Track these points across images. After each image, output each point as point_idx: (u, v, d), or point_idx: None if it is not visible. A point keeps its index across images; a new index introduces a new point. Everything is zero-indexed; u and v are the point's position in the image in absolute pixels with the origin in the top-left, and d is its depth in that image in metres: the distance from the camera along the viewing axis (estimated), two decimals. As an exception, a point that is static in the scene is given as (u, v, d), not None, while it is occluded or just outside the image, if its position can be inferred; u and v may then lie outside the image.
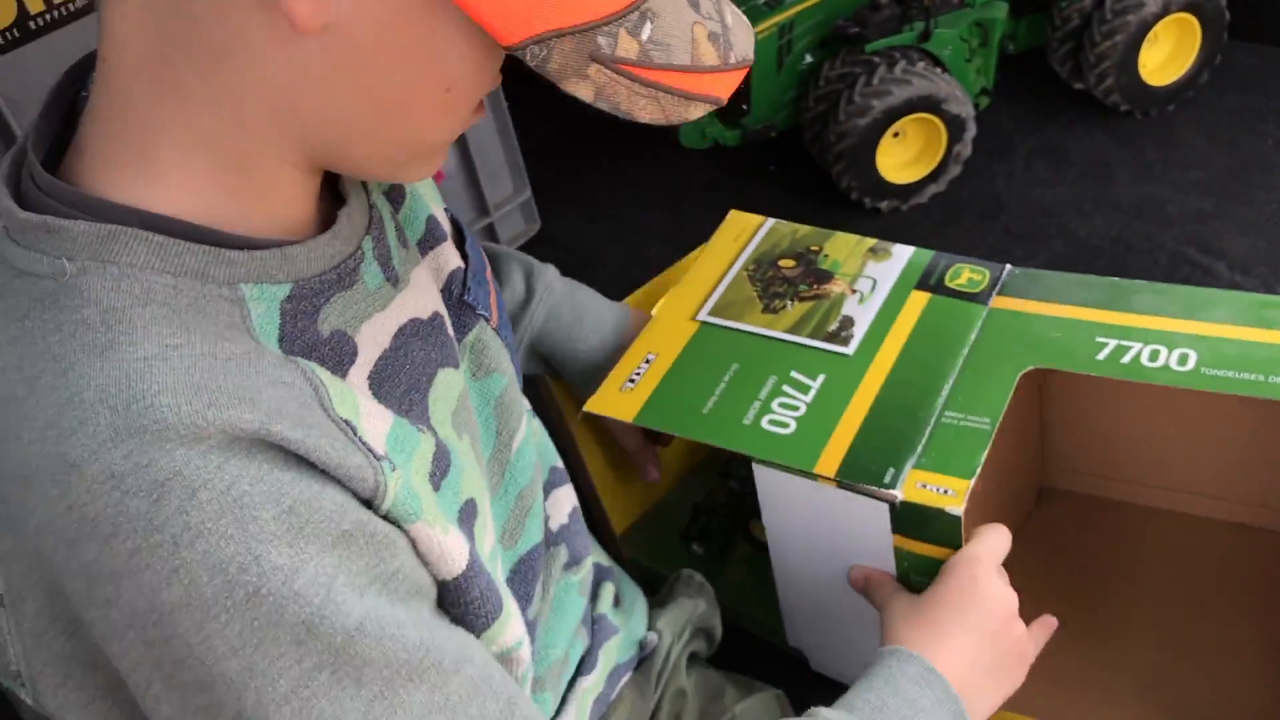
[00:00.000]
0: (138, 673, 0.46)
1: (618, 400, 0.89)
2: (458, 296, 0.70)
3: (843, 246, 1.02)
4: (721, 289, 0.99)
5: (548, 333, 0.95)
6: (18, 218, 0.49)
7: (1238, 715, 0.91)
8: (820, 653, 0.97)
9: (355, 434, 0.50)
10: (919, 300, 0.95)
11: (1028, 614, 0.79)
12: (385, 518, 0.51)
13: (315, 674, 0.45)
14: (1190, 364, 0.83)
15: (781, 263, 1.02)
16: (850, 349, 0.90)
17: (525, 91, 1.76)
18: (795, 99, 1.67)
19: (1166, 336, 0.85)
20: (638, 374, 0.91)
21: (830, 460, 0.80)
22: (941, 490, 0.77)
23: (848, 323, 0.93)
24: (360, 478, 0.49)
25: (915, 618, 0.75)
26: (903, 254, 1.00)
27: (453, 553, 0.54)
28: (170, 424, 0.44)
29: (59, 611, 0.47)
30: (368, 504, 0.50)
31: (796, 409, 0.85)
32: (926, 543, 0.79)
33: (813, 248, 1.03)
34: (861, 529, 0.81)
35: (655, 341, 0.94)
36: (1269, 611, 0.98)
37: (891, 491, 0.77)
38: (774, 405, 0.86)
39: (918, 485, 0.78)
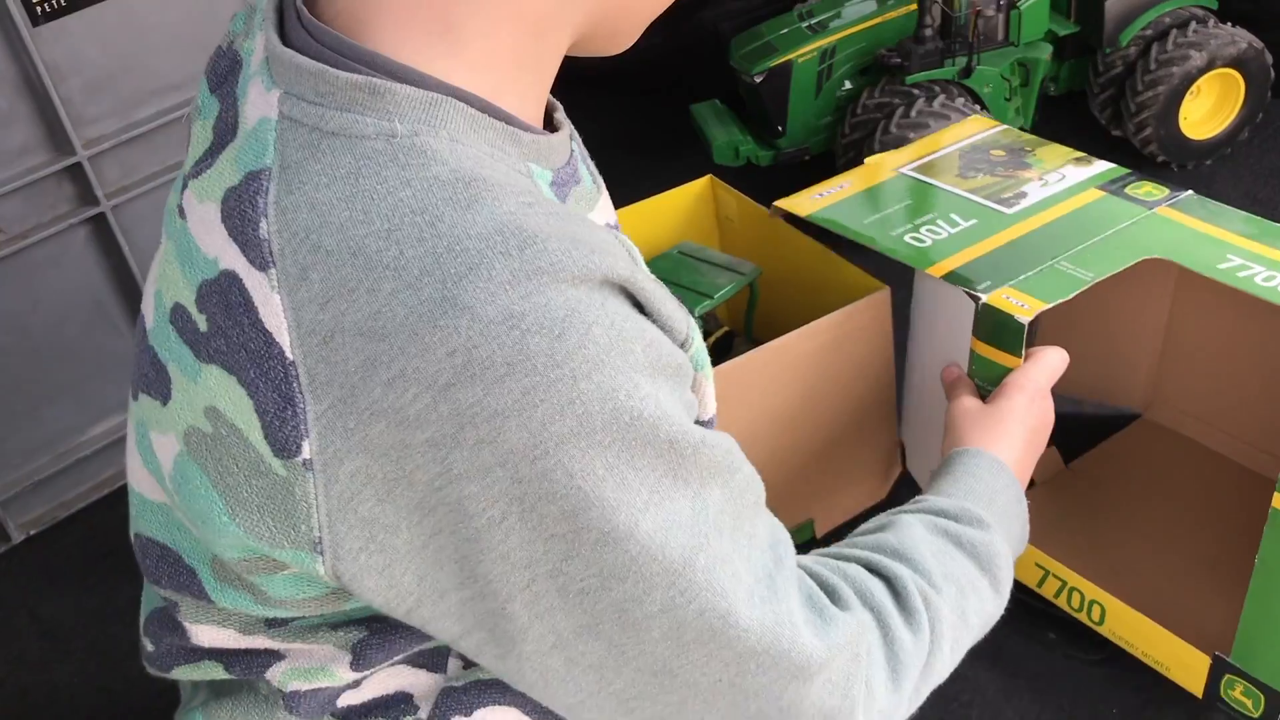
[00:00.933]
0: (489, 512, 0.46)
1: (804, 203, 1.09)
2: None
3: (1054, 152, 1.16)
4: (931, 157, 1.16)
5: None
6: (329, 76, 0.48)
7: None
8: (912, 453, 1.13)
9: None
10: (1093, 195, 1.08)
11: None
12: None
13: (665, 481, 0.48)
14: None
15: (993, 151, 1.17)
16: (1010, 210, 1.05)
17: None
18: (832, 124, 1.65)
19: (1292, 266, 0.94)
20: (828, 191, 1.10)
21: (943, 268, 0.97)
22: (1020, 303, 0.92)
23: (1021, 195, 1.08)
24: (677, 326, 0.52)
25: (984, 422, 0.86)
26: (1101, 165, 1.13)
27: (709, 400, 0.59)
28: (564, 265, 0.46)
29: (377, 472, 0.46)
30: (680, 347, 0.53)
31: (939, 234, 1.02)
32: (995, 347, 0.93)
33: (1027, 147, 1.18)
34: (952, 332, 0.97)
35: (854, 176, 1.13)
36: None
37: (979, 294, 0.93)
38: (922, 230, 1.03)
39: (1004, 297, 0.93)
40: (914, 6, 1.56)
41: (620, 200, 1.70)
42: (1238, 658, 0.88)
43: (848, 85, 1.64)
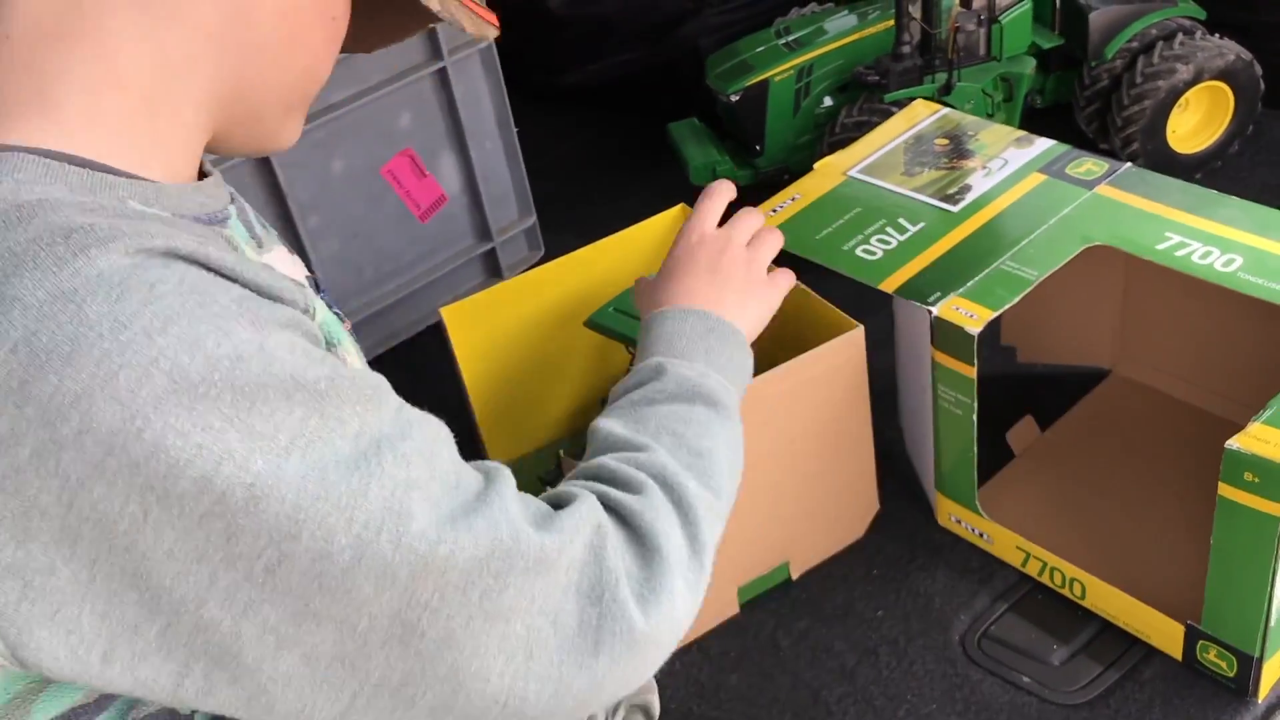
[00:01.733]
0: (128, 510, 0.42)
1: (762, 226, 1.13)
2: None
3: (995, 134, 1.20)
4: (878, 155, 1.20)
5: None
6: None
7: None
8: (907, 440, 1.22)
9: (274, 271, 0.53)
10: (1035, 180, 1.12)
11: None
12: None
13: (309, 421, 0.45)
14: (1233, 267, 0.96)
15: (937, 140, 1.21)
16: (956, 208, 1.09)
17: (532, 118, 1.84)
18: (811, 142, 1.62)
19: (1224, 242, 0.98)
20: (781, 206, 1.15)
21: (895, 281, 1.01)
22: (969, 314, 0.96)
23: (965, 189, 1.12)
24: (291, 297, 0.51)
25: (652, 293, 0.82)
26: (1042, 145, 1.17)
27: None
28: (115, 239, 0.44)
29: (1, 512, 0.42)
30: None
31: (889, 244, 1.06)
32: (950, 356, 0.98)
33: (969, 132, 1.21)
34: (919, 340, 1.02)
35: (805, 186, 1.17)
36: None
37: (930, 308, 0.98)
38: (872, 240, 1.07)
39: (953, 308, 0.97)
40: (893, 23, 1.54)
41: (597, 220, 1.74)
42: (1208, 625, 0.93)
43: (827, 102, 1.61)
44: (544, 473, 1.22)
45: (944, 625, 1.06)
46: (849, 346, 1.03)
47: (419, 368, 1.45)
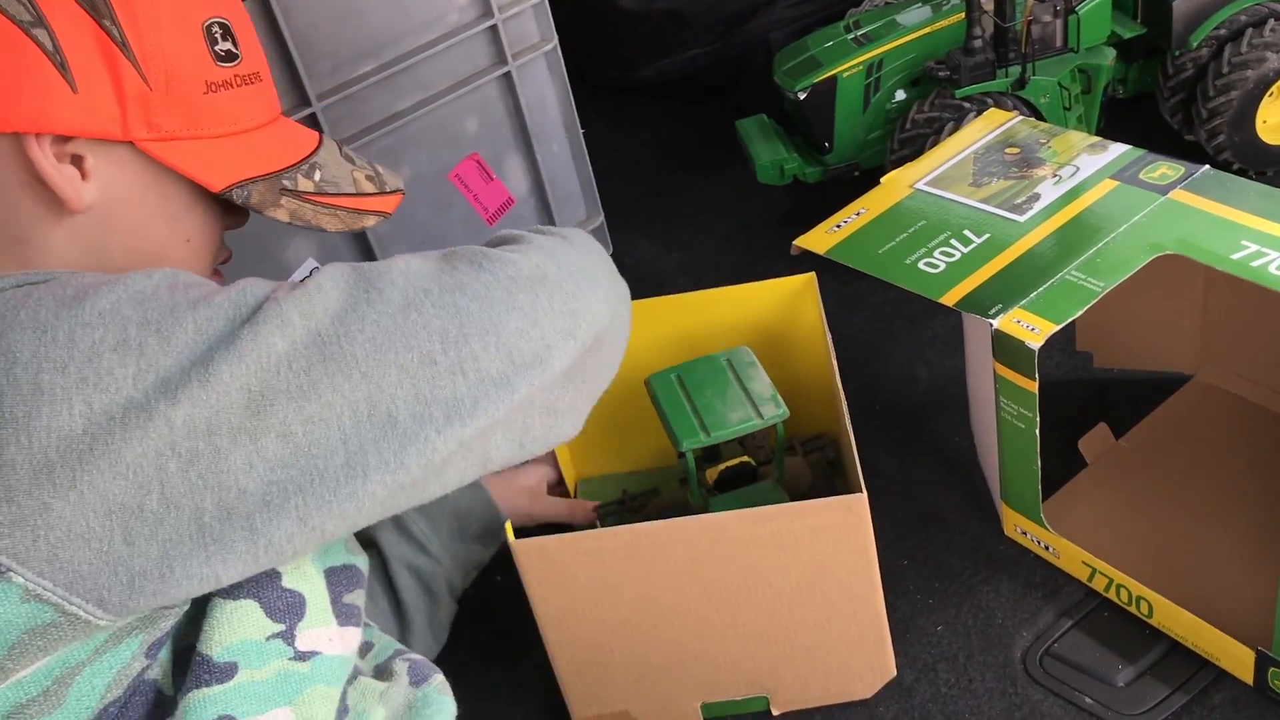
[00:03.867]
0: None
1: (822, 238, 1.12)
2: None
3: (1067, 141, 1.17)
4: (946, 166, 1.18)
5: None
6: None
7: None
8: (977, 447, 1.20)
9: None
10: (1106, 186, 1.09)
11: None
12: None
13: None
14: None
15: (1007, 149, 1.18)
16: (1023, 217, 1.07)
17: (601, 115, 1.82)
18: (882, 137, 1.57)
19: (1306, 249, 0.95)
20: (846, 221, 1.13)
21: (957, 294, 1.00)
22: (1030, 327, 0.94)
23: (1034, 198, 1.09)
24: None
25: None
26: (1116, 150, 1.14)
27: None
28: None
29: None
30: None
31: (953, 256, 1.04)
32: (1012, 370, 0.96)
33: (1042, 139, 1.19)
34: (984, 351, 1.01)
35: (871, 200, 1.16)
36: None
37: (990, 320, 0.96)
38: (936, 253, 1.05)
39: (1015, 320, 0.95)
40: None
41: (665, 219, 1.76)
42: (1278, 651, 0.91)
43: (899, 97, 1.56)
44: (606, 503, 1.21)
45: (1005, 642, 1.04)
46: (846, 512, 0.91)
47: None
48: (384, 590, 1.01)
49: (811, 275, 1.16)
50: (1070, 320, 0.95)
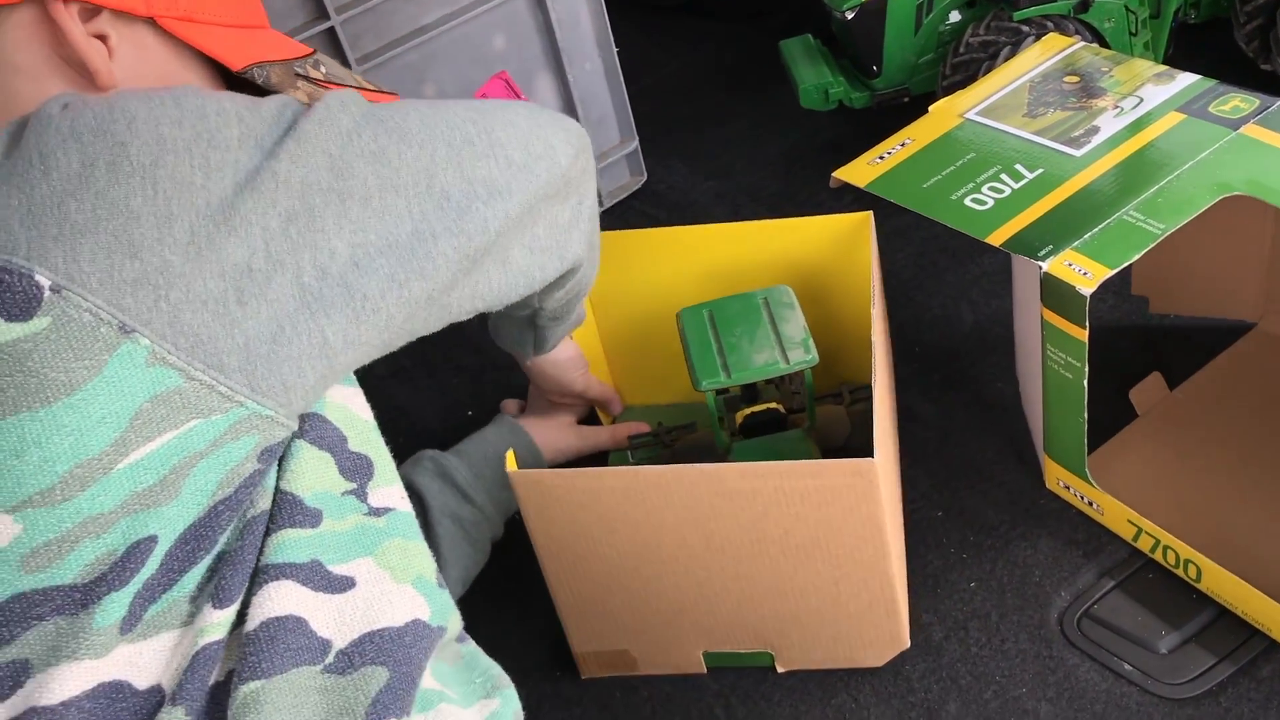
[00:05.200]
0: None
1: (864, 171, 1.05)
2: None
3: (1132, 70, 1.09)
4: (999, 95, 1.10)
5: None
6: None
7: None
8: (1022, 394, 1.14)
9: None
10: (1172, 119, 1.01)
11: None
12: None
13: None
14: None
15: (1066, 78, 1.11)
16: (1080, 152, 1.00)
17: (637, 34, 1.72)
18: (934, 61, 1.48)
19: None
20: (889, 153, 1.06)
21: (1004, 233, 0.93)
22: (1082, 271, 0.88)
23: (1092, 131, 1.02)
24: None
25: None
26: (1184, 80, 1.05)
27: None
28: None
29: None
30: None
31: (1002, 192, 0.97)
32: (1060, 316, 0.90)
33: (1103, 68, 1.10)
34: (1032, 294, 0.94)
35: (918, 130, 1.08)
36: None
37: (1039, 261, 0.89)
38: (984, 188, 0.98)
39: (1065, 264, 0.89)
40: (1028, -71, 1.38)
41: (702, 145, 1.70)
42: (1334, 625, 0.85)
43: (954, 18, 1.47)
44: (639, 435, 1.18)
45: (1042, 601, 0.99)
46: (854, 476, 0.85)
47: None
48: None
49: (868, 215, 1.08)
50: (1126, 265, 0.88)
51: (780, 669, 0.99)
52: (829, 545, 0.89)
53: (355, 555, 0.66)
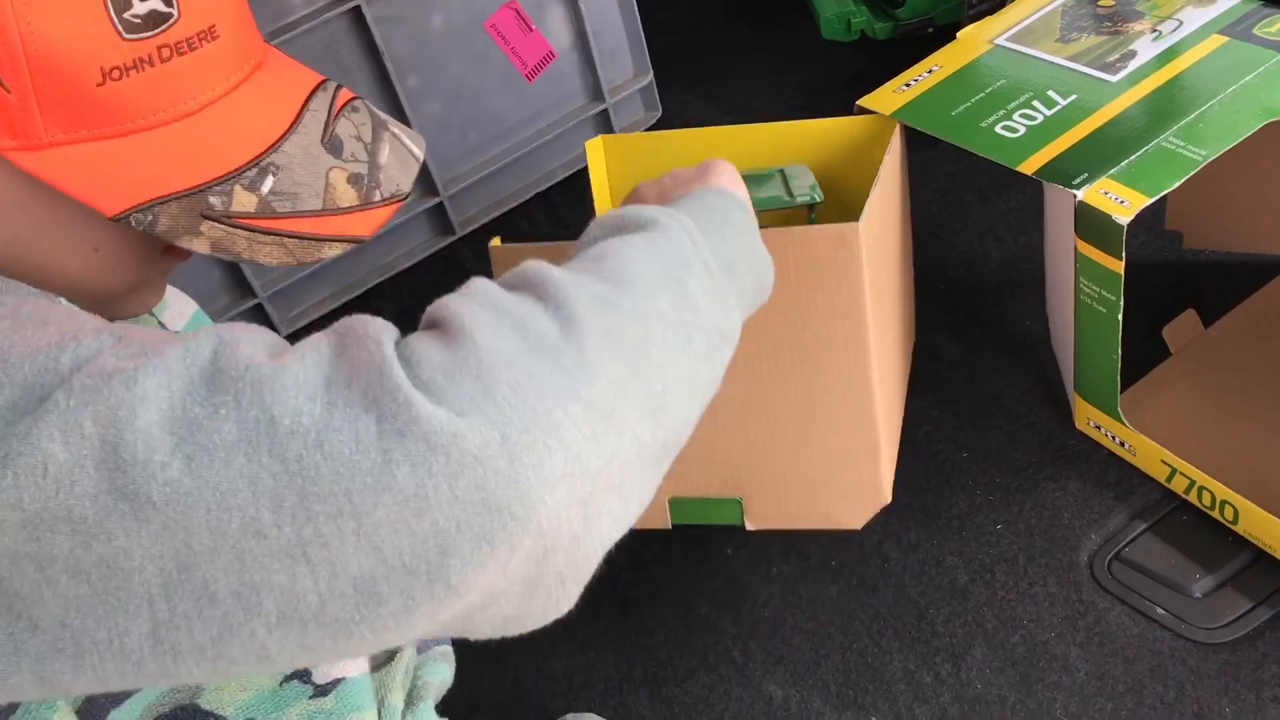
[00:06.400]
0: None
1: (889, 98, 1.01)
2: None
3: (1172, -10, 1.04)
4: (1030, 20, 1.06)
5: None
6: None
7: None
8: (1052, 332, 1.09)
9: None
10: (1214, 42, 0.96)
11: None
12: None
13: None
14: None
15: (1101, 1, 1.06)
16: (1115, 77, 0.95)
17: None
18: None
19: None
20: (916, 80, 1.02)
21: (1037, 161, 0.89)
22: (1119, 200, 0.84)
23: (1128, 56, 0.97)
24: None
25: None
26: (1226, 2, 1.01)
27: None
28: None
29: None
30: None
31: (1034, 119, 0.93)
32: (1095, 247, 0.86)
33: (1142, -10, 1.06)
34: (1065, 226, 0.90)
35: (945, 57, 1.04)
36: None
37: (1074, 191, 0.85)
38: (1015, 115, 0.94)
39: (1101, 192, 0.85)
40: None
41: (721, 78, 1.63)
42: (1378, 567, 0.82)
43: None
44: None
45: (1071, 544, 0.96)
46: (837, 243, 0.78)
47: (525, 239, 1.39)
48: None
49: (894, 120, 1.01)
50: (1165, 193, 0.84)
51: (749, 525, 0.92)
52: (806, 342, 0.82)
53: None
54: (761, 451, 0.89)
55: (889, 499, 0.90)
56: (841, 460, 0.88)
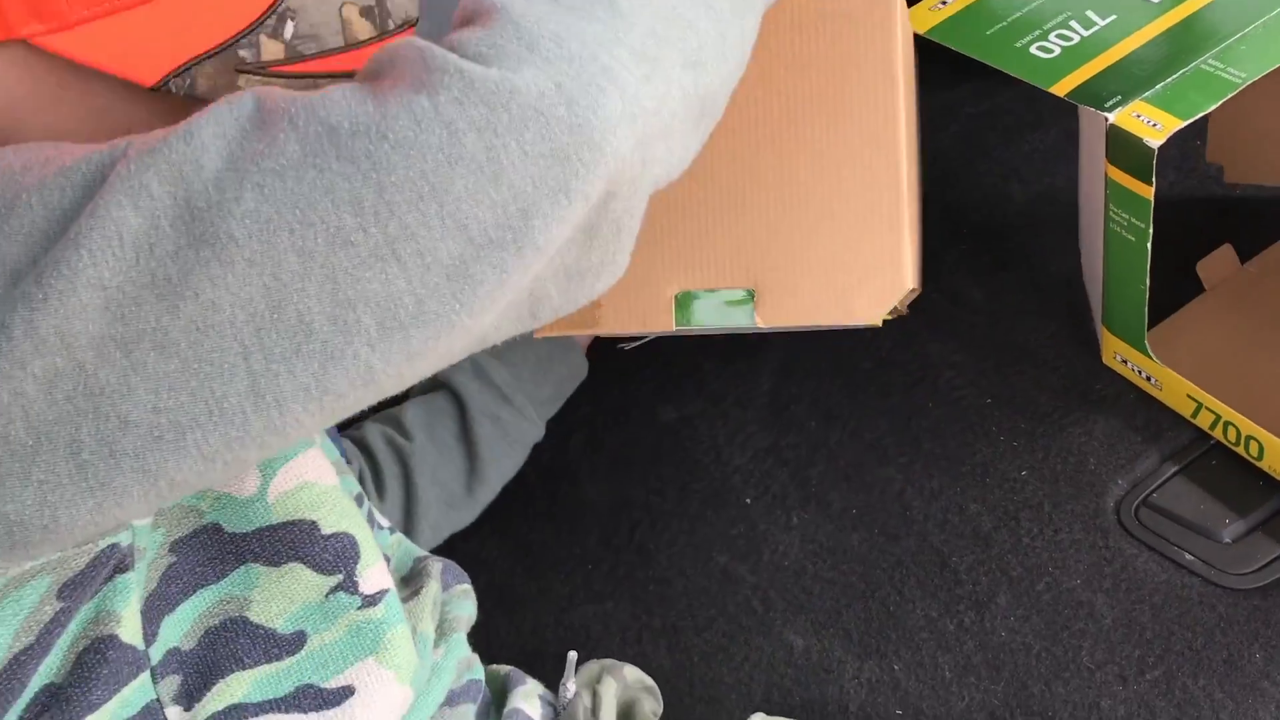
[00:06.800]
0: None
1: (923, 16, 0.96)
2: None
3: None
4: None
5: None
6: None
7: None
8: (1084, 266, 1.06)
9: None
10: (1262, -38, 0.91)
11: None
12: None
13: None
14: None
15: (1145, -81, 1.01)
16: (1157, -1, 0.91)
17: None
18: None
19: None
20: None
21: (1070, 83, 0.85)
22: (1152, 123, 0.79)
23: (1171, -24, 0.93)
24: None
25: None
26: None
27: None
28: None
29: None
30: None
31: (1070, 40, 0.89)
32: (1125, 172, 0.82)
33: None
34: (1097, 152, 0.86)
35: (980, -26, 0.99)
36: None
37: (1106, 114, 0.81)
38: (1051, 35, 0.90)
39: (1134, 115, 0.80)
40: None
41: None
42: None
43: None
44: None
45: (1098, 490, 0.92)
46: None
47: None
48: (459, 442, 0.98)
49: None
50: (1199, 115, 0.79)
51: (760, 322, 0.83)
52: (834, 102, 0.78)
53: (354, 661, 0.58)
54: (776, 232, 0.81)
55: (910, 284, 0.80)
56: (863, 237, 0.80)
